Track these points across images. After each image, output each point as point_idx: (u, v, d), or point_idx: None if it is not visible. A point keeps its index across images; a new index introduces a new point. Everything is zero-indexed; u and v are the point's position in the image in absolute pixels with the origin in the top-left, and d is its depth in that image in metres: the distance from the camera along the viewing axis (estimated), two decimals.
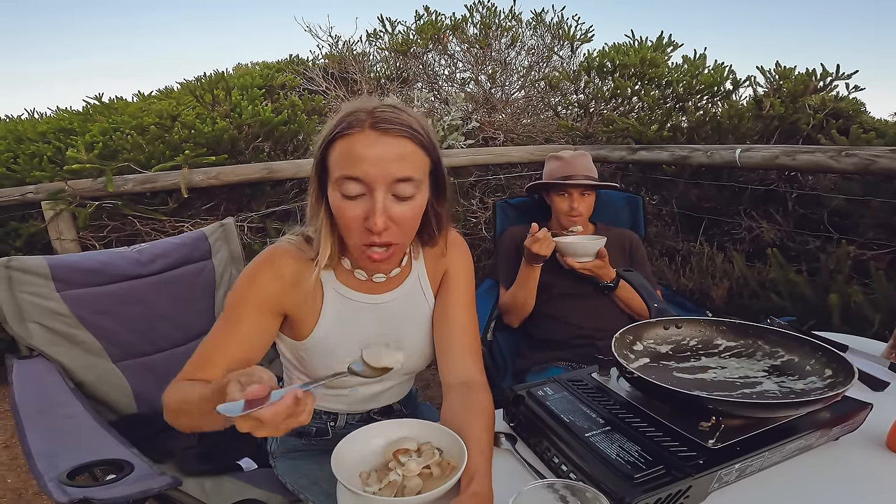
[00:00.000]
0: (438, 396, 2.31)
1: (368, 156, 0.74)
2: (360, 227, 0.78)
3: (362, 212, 0.76)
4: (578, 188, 1.61)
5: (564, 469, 0.74)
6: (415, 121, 0.78)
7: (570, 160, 1.64)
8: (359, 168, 0.74)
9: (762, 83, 2.78)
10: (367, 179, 0.74)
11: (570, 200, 1.61)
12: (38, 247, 2.33)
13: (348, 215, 0.77)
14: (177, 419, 0.78)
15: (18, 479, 1.88)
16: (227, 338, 0.83)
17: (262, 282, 0.84)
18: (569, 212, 1.61)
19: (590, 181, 1.61)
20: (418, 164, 0.78)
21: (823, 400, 0.69)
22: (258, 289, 0.84)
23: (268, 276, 0.84)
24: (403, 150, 0.76)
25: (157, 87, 4.37)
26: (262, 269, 0.85)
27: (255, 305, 0.84)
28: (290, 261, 0.85)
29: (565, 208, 1.62)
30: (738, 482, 0.73)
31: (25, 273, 1.27)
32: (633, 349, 0.90)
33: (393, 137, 0.75)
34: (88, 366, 1.31)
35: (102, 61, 78.45)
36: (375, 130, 0.74)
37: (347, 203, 0.77)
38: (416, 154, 0.77)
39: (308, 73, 4.26)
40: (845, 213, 2.18)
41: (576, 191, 1.60)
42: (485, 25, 4.10)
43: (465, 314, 0.96)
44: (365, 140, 0.74)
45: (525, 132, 3.84)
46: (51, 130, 2.81)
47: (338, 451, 0.69)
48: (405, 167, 0.76)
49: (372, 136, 0.74)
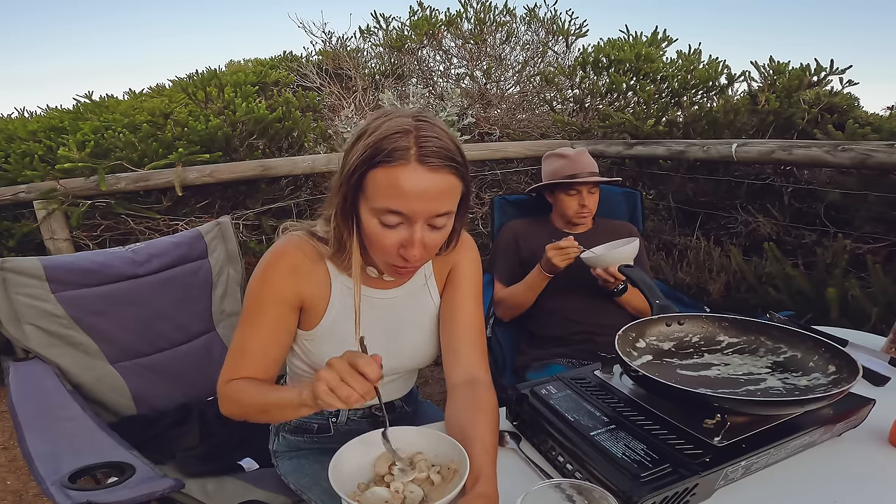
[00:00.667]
0: (437, 393, 2.32)
1: (415, 192, 0.73)
2: (395, 252, 0.79)
3: (399, 240, 0.78)
4: (587, 185, 1.59)
5: (569, 468, 0.74)
6: (453, 144, 0.78)
7: (575, 158, 1.63)
8: (404, 204, 0.74)
9: (757, 78, 2.79)
10: (412, 215, 0.75)
11: (580, 198, 1.60)
12: (31, 247, 2.31)
13: (385, 242, 0.78)
14: (244, 414, 0.85)
15: (18, 480, 1.87)
16: (256, 335, 0.86)
17: (277, 279, 0.85)
18: (579, 210, 1.60)
19: (596, 178, 1.60)
20: (456, 196, 0.80)
21: (830, 397, 0.69)
22: (275, 287, 0.85)
23: (282, 272, 0.85)
24: (447, 184, 0.76)
25: (148, 84, 4.33)
26: (275, 266, 0.85)
27: (274, 303, 0.86)
28: (302, 255, 0.86)
29: (575, 207, 1.60)
30: (743, 479, 0.73)
31: (20, 275, 1.25)
32: (635, 346, 0.90)
33: (439, 173, 0.74)
34: (86, 367, 1.30)
35: (92, 60, 77.59)
36: (422, 165, 0.73)
37: (386, 231, 0.77)
38: (456, 187, 0.79)
39: (302, 69, 4.23)
40: (841, 207, 2.19)
41: (584, 188, 1.59)
42: (479, 21, 4.08)
43: (471, 312, 0.96)
44: (411, 175, 0.73)
45: (521, 127, 3.84)
46: (42, 129, 2.78)
47: (335, 463, 0.68)
48: (446, 203, 0.77)
49: (419, 172, 0.73)
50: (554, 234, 1.62)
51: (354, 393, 0.65)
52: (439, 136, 0.76)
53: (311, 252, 0.86)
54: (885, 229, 2.01)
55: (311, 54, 4.66)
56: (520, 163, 3.22)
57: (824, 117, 2.46)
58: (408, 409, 1.10)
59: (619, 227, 1.70)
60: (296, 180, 2.81)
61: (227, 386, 0.85)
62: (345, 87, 4.07)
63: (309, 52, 4.73)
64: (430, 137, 0.74)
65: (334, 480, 0.64)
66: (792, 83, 2.53)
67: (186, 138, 2.46)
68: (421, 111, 0.80)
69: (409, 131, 0.74)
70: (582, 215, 1.61)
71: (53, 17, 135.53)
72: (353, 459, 0.71)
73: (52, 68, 66.75)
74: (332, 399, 0.66)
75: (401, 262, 0.80)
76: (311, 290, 0.87)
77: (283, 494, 1.04)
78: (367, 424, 1.03)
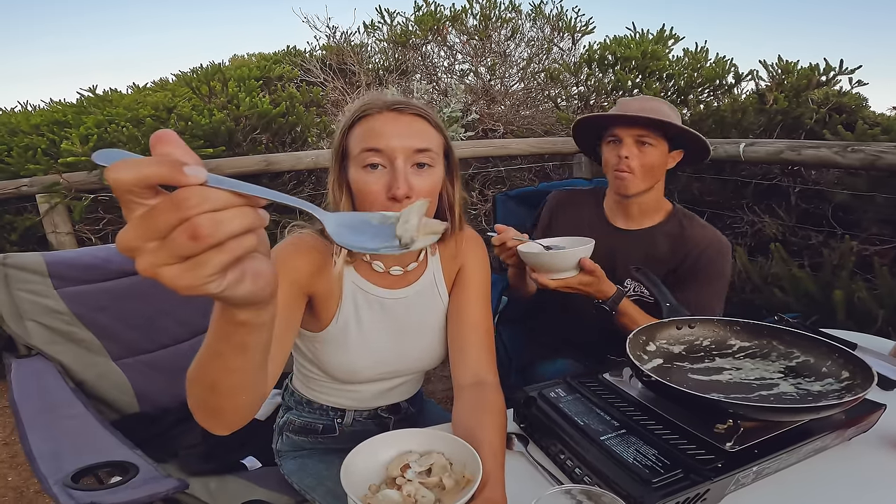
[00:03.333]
0: (438, 391, 2.31)
1: (388, 130, 0.79)
2: (382, 199, 0.79)
3: (384, 184, 0.79)
4: (633, 128, 1.18)
5: (578, 472, 0.73)
6: (428, 107, 0.86)
7: (629, 102, 1.24)
8: (380, 140, 0.78)
9: (765, 77, 2.77)
10: (388, 150, 0.78)
11: (619, 149, 1.19)
12: (33, 240, 2.31)
13: (371, 188, 0.79)
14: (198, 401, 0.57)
15: (19, 476, 1.86)
16: None
17: (291, 262, 0.82)
18: (617, 164, 1.20)
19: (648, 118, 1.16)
20: (433, 138, 0.83)
21: (844, 404, 0.68)
22: (288, 269, 0.81)
23: (296, 256, 0.83)
24: (419, 125, 0.82)
25: (151, 79, 4.31)
26: (290, 251, 0.84)
27: (285, 283, 0.79)
28: (314, 249, 0.85)
29: (613, 161, 1.21)
30: (753, 484, 0.73)
31: (22, 270, 1.24)
32: (646, 350, 0.89)
33: (409, 116, 0.82)
34: (88, 364, 1.29)
35: (95, 54, 77.30)
36: (393, 111, 0.81)
37: (370, 175, 0.79)
38: (431, 131, 0.83)
39: (306, 64, 4.21)
40: (849, 208, 2.18)
41: (627, 134, 1.18)
42: (484, 17, 4.06)
43: (479, 312, 0.95)
44: (384, 118, 0.80)
45: (524, 124, 3.82)
46: (45, 123, 2.77)
47: (347, 464, 0.67)
48: (423, 139, 0.81)
49: (390, 116, 0.81)
50: (597, 213, 1.33)
51: (236, 220, 0.34)
52: (412, 101, 0.84)
53: (322, 247, 0.86)
54: (892, 231, 1.99)
55: (315, 49, 4.64)
56: (523, 160, 3.20)
57: (833, 117, 2.44)
58: (413, 410, 1.09)
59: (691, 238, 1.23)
60: (299, 175, 2.80)
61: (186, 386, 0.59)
62: (349, 82, 4.06)
63: (313, 46, 4.72)
64: (400, 98, 0.84)
65: (346, 482, 0.63)
66: (800, 83, 2.51)
67: (190, 133, 2.45)
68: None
69: (380, 98, 0.83)
70: (621, 171, 1.19)
71: (57, 12, 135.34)
72: (364, 461, 0.70)
73: (55, 63, 66.59)
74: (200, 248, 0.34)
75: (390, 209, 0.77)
76: (323, 283, 0.86)
77: (286, 494, 1.03)
78: (373, 425, 1.03)
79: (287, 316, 0.79)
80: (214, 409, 0.56)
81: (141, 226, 0.31)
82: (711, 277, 1.21)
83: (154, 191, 0.31)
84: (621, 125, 1.19)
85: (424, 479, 0.68)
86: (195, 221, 0.31)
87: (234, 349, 0.46)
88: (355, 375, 0.92)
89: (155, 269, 0.33)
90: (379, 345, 0.91)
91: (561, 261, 1.06)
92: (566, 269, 1.07)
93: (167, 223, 0.31)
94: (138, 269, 0.33)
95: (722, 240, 1.23)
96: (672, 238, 1.24)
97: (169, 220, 0.31)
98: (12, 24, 77.78)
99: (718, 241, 1.22)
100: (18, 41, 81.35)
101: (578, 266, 1.06)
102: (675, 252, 1.23)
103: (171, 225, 0.31)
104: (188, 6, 59.32)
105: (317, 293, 0.86)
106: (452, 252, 0.97)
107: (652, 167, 1.19)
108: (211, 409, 0.57)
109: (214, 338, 0.46)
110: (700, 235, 1.23)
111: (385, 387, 0.99)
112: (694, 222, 1.26)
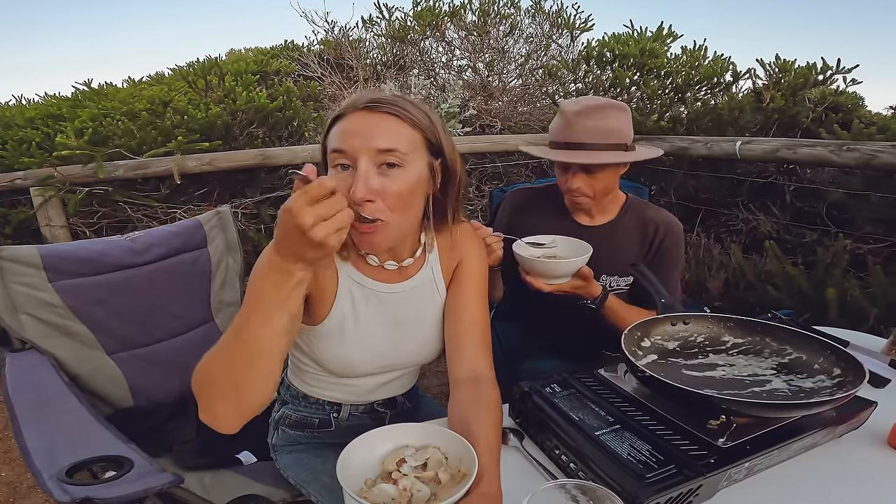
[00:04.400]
0: (434, 386, 2.32)
1: (353, 129, 0.78)
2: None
3: (348, 185, 0.76)
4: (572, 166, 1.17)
5: (573, 467, 0.74)
6: (410, 104, 0.81)
7: (572, 118, 1.17)
8: (344, 141, 0.77)
9: (762, 76, 2.78)
10: (351, 150, 0.76)
11: (567, 177, 1.19)
12: (27, 233, 2.29)
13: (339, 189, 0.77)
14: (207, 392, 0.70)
15: (13, 472, 1.86)
16: None
17: None
18: (567, 192, 1.22)
19: (592, 149, 1.13)
20: (405, 137, 0.79)
21: (835, 400, 0.69)
22: None
23: None
24: (388, 123, 0.78)
25: (147, 72, 4.28)
26: None
27: None
28: None
29: (563, 186, 1.23)
30: (745, 480, 0.73)
31: (16, 263, 1.23)
32: (640, 345, 0.90)
33: (380, 114, 0.78)
34: (83, 358, 1.29)
35: (91, 48, 76.70)
36: (366, 110, 0.79)
37: (339, 176, 0.78)
38: (403, 129, 0.79)
39: (303, 59, 4.19)
40: (843, 207, 2.19)
41: (575, 165, 1.18)
42: (483, 12, 4.04)
43: (476, 308, 0.95)
44: (355, 118, 0.79)
45: (522, 120, 3.81)
46: (39, 116, 2.74)
47: (343, 458, 0.67)
48: (388, 138, 0.77)
49: (360, 115, 0.79)
50: (559, 211, 1.32)
51: (342, 215, 0.61)
52: (398, 97, 0.81)
53: None
54: (886, 230, 2.00)
55: (313, 44, 4.61)
56: (520, 156, 3.20)
57: (829, 116, 2.45)
58: (409, 405, 1.09)
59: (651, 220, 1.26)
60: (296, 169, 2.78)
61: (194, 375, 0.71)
62: (346, 77, 4.04)
63: (311, 41, 4.68)
64: (386, 96, 0.80)
65: (342, 476, 0.64)
66: (797, 81, 2.52)
67: (186, 126, 2.44)
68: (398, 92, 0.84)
69: (363, 96, 0.80)
70: (574, 199, 1.22)
71: (52, 4, 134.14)
72: (360, 455, 0.70)
73: (50, 56, 66.06)
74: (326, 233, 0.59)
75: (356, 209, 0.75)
76: (318, 278, 0.85)
77: (281, 488, 1.03)
78: (369, 420, 1.03)
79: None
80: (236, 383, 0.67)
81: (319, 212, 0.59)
82: (674, 261, 1.26)
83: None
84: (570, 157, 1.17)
85: (420, 473, 0.69)
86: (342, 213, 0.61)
87: (281, 308, 0.65)
88: (351, 369, 0.92)
89: (326, 236, 0.59)
90: (375, 338, 0.91)
91: (562, 269, 1.09)
92: (564, 275, 1.10)
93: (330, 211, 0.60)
94: (317, 236, 0.58)
95: (676, 222, 1.28)
96: (635, 226, 1.27)
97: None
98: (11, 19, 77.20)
99: (675, 223, 1.27)
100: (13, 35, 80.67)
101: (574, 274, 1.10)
102: (643, 239, 1.26)
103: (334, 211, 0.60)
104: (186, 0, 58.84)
105: (312, 288, 0.86)
106: (450, 247, 0.97)
107: (606, 189, 1.21)
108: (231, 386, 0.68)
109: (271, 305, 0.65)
110: (658, 218, 1.27)
111: (381, 381, 0.99)
112: (649, 207, 1.30)
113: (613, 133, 1.16)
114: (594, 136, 1.15)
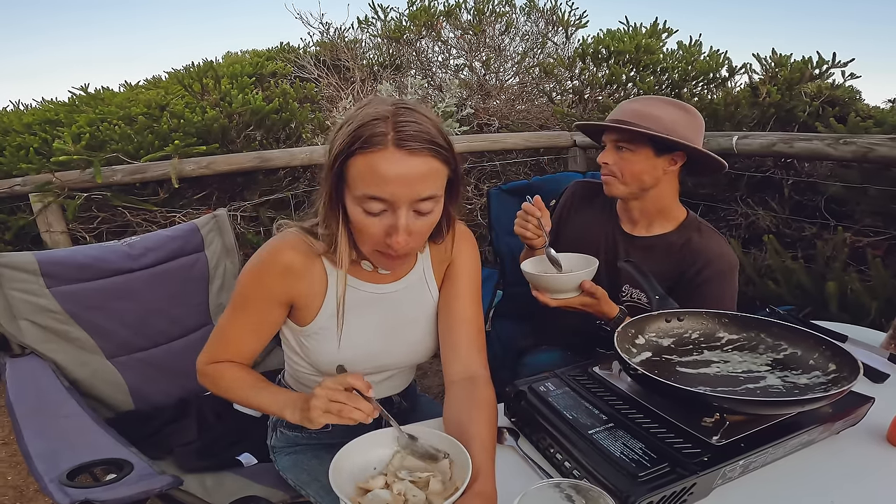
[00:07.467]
0: (435, 385, 2.32)
1: (393, 176, 0.73)
2: (381, 240, 0.79)
3: (384, 227, 0.77)
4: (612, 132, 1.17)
5: (567, 466, 0.74)
6: (434, 129, 0.76)
7: (624, 104, 1.20)
8: (384, 189, 0.73)
9: (758, 70, 2.77)
10: (393, 199, 0.74)
11: (603, 153, 1.20)
12: (27, 239, 2.30)
13: (371, 231, 0.78)
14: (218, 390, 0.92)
15: (19, 475, 1.86)
16: (239, 328, 0.90)
17: (269, 280, 0.86)
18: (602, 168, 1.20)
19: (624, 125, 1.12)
20: (440, 180, 0.78)
21: (829, 397, 0.69)
22: (265, 288, 0.86)
23: (275, 273, 0.85)
24: (428, 168, 0.75)
25: (144, 76, 4.29)
26: (269, 266, 0.86)
27: (262, 301, 0.87)
28: (297, 255, 0.85)
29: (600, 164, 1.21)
30: (740, 478, 0.73)
31: (14, 270, 1.24)
32: (635, 343, 0.90)
33: (418, 157, 0.73)
34: (82, 363, 1.29)
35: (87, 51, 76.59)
36: (400, 150, 0.72)
37: (370, 220, 0.77)
38: (439, 171, 0.77)
39: (299, 60, 4.19)
40: (841, 201, 2.18)
41: (608, 139, 1.18)
42: (478, 11, 4.04)
43: (470, 307, 0.95)
44: (389, 159, 0.72)
45: (520, 118, 3.81)
46: (37, 122, 2.75)
47: (336, 463, 0.67)
48: (429, 187, 0.76)
49: (396, 156, 0.72)
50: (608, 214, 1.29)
51: (361, 412, 0.71)
52: (418, 120, 0.75)
53: (305, 250, 0.86)
54: (885, 223, 2.00)
55: (309, 45, 4.62)
56: (518, 154, 3.20)
57: (826, 110, 2.45)
58: (405, 405, 1.10)
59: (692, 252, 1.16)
60: (293, 171, 2.79)
61: (210, 367, 0.92)
62: (343, 78, 4.04)
63: (307, 43, 4.69)
64: (408, 122, 0.73)
65: (334, 481, 0.64)
66: (793, 76, 2.51)
67: (183, 130, 2.44)
68: (403, 100, 0.80)
69: (386, 117, 0.73)
70: (603, 175, 1.20)
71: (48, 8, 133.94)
72: (354, 459, 0.71)
73: (47, 60, 65.90)
74: (331, 419, 0.73)
75: (386, 248, 0.79)
76: (304, 288, 0.87)
77: (281, 490, 1.04)
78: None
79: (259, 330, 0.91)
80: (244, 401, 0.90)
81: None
82: (715, 299, 1.13)
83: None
84: (607, 129, 1.18)
85: (415, 477, 0.69)
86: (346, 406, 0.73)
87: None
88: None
89: (319, 416, 0.74)
90: (365, 338, 0.91)
91: (562, 283, 1.07)
92: (567, 290, 1.08)
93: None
94: (315, 417, 0.74)
95: (723, 255, 1.16)
96: (677, 249, 1.18)
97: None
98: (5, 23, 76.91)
99: (719, 256, 1.15)
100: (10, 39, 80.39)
101: (580, 287, 1.07)
102: (679, 264, 1.17)
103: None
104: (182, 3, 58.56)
105: (298, 296, 0.88)
106: (442, 248, 0.97)
107: (634, 173, 1.15)
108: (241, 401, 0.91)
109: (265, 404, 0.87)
110: (701, 247, 1.16)
111: (374, 380, 0.99)
112: (702, 234, 1.19)
113: (651, 118, 1.12)
114: (631, 115, 1.14)
